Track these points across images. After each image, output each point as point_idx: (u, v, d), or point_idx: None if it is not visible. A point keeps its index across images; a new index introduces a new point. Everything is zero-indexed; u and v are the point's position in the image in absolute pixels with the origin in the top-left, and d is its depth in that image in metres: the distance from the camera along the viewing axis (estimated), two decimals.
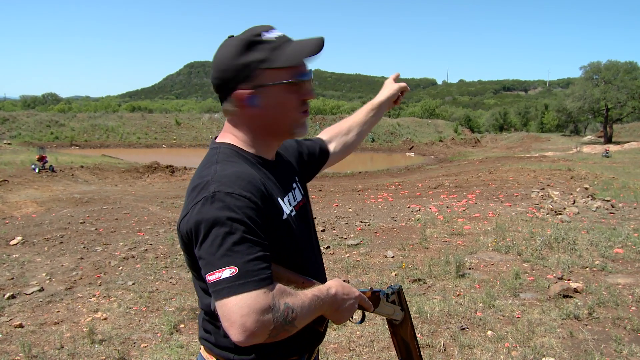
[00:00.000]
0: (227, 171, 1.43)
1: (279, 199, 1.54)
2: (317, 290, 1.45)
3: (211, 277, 1.28)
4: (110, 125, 55.34)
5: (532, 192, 15.12)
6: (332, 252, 8.22)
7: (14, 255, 8.46)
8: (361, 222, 11.08)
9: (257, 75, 1.48)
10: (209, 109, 74.78)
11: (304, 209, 1.71)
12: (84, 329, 4.98)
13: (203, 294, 1.51)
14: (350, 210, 13.33)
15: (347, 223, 11.03)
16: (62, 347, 4.63)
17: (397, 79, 2.24)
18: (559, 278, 6.16)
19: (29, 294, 6.24)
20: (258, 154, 1.59)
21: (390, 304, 1.76)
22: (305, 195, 1.80)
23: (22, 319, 5.43)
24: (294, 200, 1.66)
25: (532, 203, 12.93)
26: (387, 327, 1.85)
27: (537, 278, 6.15)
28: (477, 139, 60.44)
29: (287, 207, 1.57)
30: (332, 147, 2.08)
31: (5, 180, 20.18)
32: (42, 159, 24.01)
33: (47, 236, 10.09)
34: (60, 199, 17.15)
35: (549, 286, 5.82)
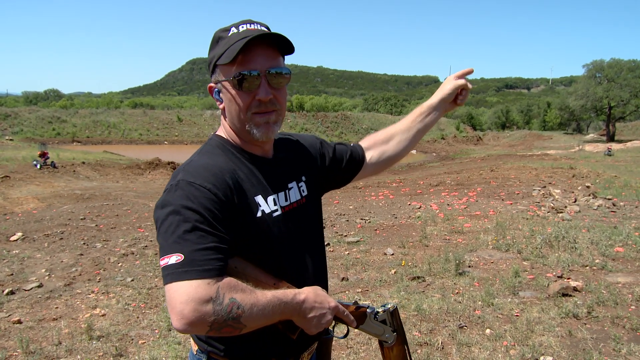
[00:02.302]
0: (199, 162, 1.47)
1: (259, 196, 1.53)
2: (281, 293, 1.41)
3: (161, 262, 1.29)
4: (112, 122, 55.36)
5: (534, 190, 15.08)
6: (331, 250, 8.21)
7: (14, 251, 8.46)
8: (361, 219, 11.06)
9: (216, 71, 1.52)
10: (210, 105, 74.77)
11: (300, 210, 1.67)
12: (82, 325, 4.98)
13: None
14: (350, 207, 13.31)
15: (347, 220, 11.01)
16: (60, 343, 4.62)
17: (462, 76, 2.01)
18: (558, 277, 6.14)
19: (28, 290, 6.24)
20: (246, 148, 1.58)
21: (379, 323, 1.67)
22: (311, 196, 1.75)
23: (21, 315, 5.43)
24: (286, 201, 1.62)
25: (533, 201, 12.90)
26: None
27: (537, 276, 6.13)
28: (479, 137, 60.44)
29: (268, 206, 1.54)
30: (369, 155, 1.98)
31: (7, 177, 20.20)
32: (43, 155, 24.04)
33: (48, 232, 10.10)
34: (62, 195, 17.17)
35: (548, 285, 5.79)
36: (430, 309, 5.24)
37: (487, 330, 4.69)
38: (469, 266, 6.78)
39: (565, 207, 11.67)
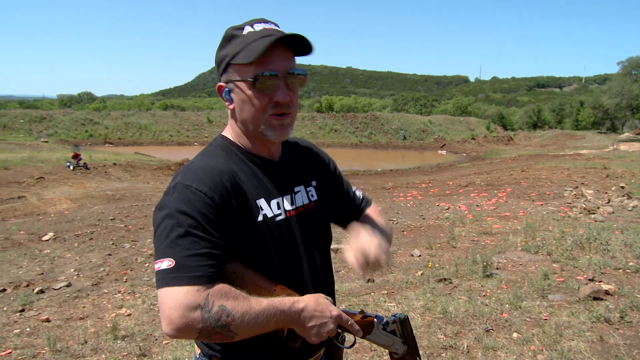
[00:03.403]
0: (199, 164, 1.44)
1: (262, 200, 1.49)
2: (278, 301, 1.37)
3: (155, 266, 1.30)
4: (143, 123, 56.13)
5: (565, 190, 14.78)
6: None
7: (46, 251, 8.61)
8: (389, 220, 10.95)
9: (228, 71, 1.47)
10: None
11: (307, 215, 1.62)
12: (108, 325, 5.02)
13: None
14: (378, 208, 13.22)
15: None
16: (86, 342, 4.67)
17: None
18: (589, 279, 5.98)
19: (57, 289, 6.33)
20: (251, 150, 1.54)
21: (388, 333, 1.58)
22: (321, 202, 1.69)
23: (49, 314, 5.51)
24: (292, 205, 1.58)
25: (565, 202, 12.64)
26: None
27: (567, 279, 5.98)
28: (510, 137, 59.56)
29: (270, 209, 1.50)
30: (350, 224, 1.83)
31: (42, 178, 20.63)
32: (76, 156, 24.46)
33: (78, 232, 10.26)
34: (93, 196, 17.45)
35: (579, 288, 5.64)
36: (456, 311, 5.14)
37: (515, 334, 4.58)
38: (497, 268, 6.66)
39: (598, 207, 11.40)
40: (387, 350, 1.63)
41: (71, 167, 23.41)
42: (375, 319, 1.56)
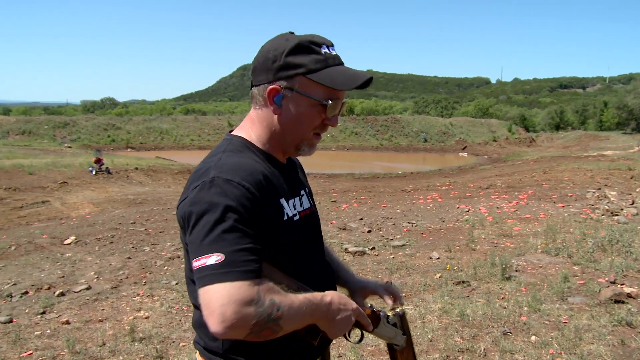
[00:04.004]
0: (231, 160, 1.42)
1: (283, 199, 1.51)
2: (310, 295, 1.38)
3: (197, 263, 1.25)
4: (164, 128, 56.68)
5: (588, 192, 14.58)
6: (376, 254, 8.13)
7: (67, 254, 8.73)
8: (408, 222, 10.93)
9: (294, 79, 1.46)
10: None
11: (311, 217, 1.67)
12: (126, 327, 5.07)
13: (193, 287, 1.42)
14: (398, 210, 13.18)
15: (394, 224, 10.90)
16: (104, 344, 4.72)
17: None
18: (611, 282, 5.88)
19: (77, 292, 6.41)
20: (269, 152, 1.56)
21: (391, 326, 1.66)
22: (314, 206, 1.75)
23: (69, 316, 5.58)
24: (301, 206, 1.61)
25: (587, 204, 12.46)
26: (417, 332, 1.78)
27: (588, 282, 5.89)
28: (532, 138, 58.98)
29: (290, 209, 1.52)
30: None
31: (65, 182, 20.96)
32: (98, 161, 24.79)
33: (99, 236, 10.38)
34: (115, 200, 17.67)
35: (599, 290, 5.55)
36: (474, 314, 5.10)
37: (533, 337, 4.52)
38: (516, 270, 6.58)
39: (622, 209, 11.22)
40: (385, 345, 1.72)
41: (94, 172, 23.74)
42: (381, 313, 1.62)
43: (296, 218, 1.54)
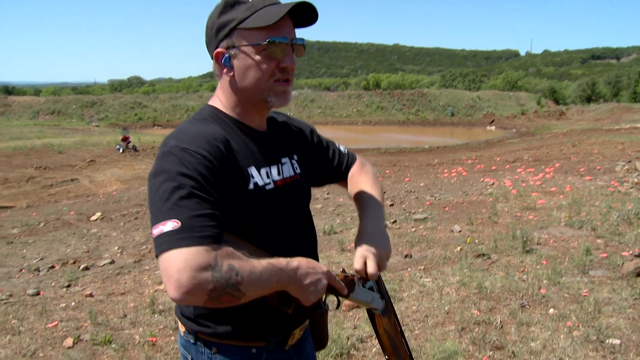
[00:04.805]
0: (191, 129, 1.41)
1: (253, 168, 1.48)
2: (275, 260, 1.36)
3: (155, 231, 1.24)
4: (190, 105, 56.98)
5: (617, 165, 14.26)
6: (398, 227, 8.12)
7: (93, 230, 8.91)
8: (431, 196, 10.87)
9: (232, 36, 1.44)
10: None
11: (292, 186, 1.63)
12: (147, 300, 5.17)
13: None
14: (421, 184, 13.11)
15: (416, 197, 10.85)
16: (125, 316, 4.83)
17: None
18: (635, 255, 5.76)
19: (101, 266, 6.55)
20: (240, 119, 1.54)
21: (368, 290, 1.61)
22: (304, 175, 1.71)
23: (93, 289, 5.72)
24: (279, 175, 1.58)
25: (616, 177, 12.20)
26: (434, 304, 1.73)
27: (611, 255, 5.80)
28: (562, 111, 57.75)
29: (261, 178, 1.50)
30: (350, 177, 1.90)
31: (93, 161, 21.32)
32: (125, 139, 25.08)
33: (124, 212, 10.56)
34: (142, 177, 17.92)
35: (622, 264, 5.46)
36: (492, 287, 5.07)
37: (551, 310, 4.49)
38: (538, 244, 6.51)
39: None
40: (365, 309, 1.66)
41: (121, 150, 24.06)
42: (355, 277, 1.58)
43: (269, 187, 1.51)
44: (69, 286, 5.86)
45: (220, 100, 1.55)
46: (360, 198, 1.79)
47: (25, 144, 23.85)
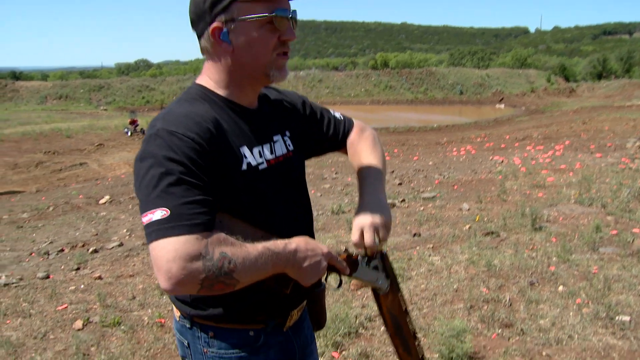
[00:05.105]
0: (179, 110, 1.34)
1: (245, 147, 1.43)
2: (271, 243, 1.32)
3: (144, 219, 1.20)
4: None
5: (628, 142, 14.11)
6: (407, 206, 8.09)
7: (102, 213, 8.94)
8: (440, 175, 10.83)
9: (231, 8, 1.36)
10: (295, 67, 75.12)
11: (286, 164, 1.57)
12: (155, 282, 5.18)
13: None
14: (430, 163, 13.06)
15: (425, 176, 10.81)
16: (134, 298, 4.85)
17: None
18: None
19: (110, 249, 6.57)
20: (230, 98, 1.47)
21: (371, 269, 1.57)
22: (297, 151, 1.65)
23: (102, 272, 5.74)
24: (271, 154, 1.52)
25: (627, 154, 12.09)
26: (443, 282, 1.68)
27: (621, 232, 5.75)
28: (572, 89, 57.09)
29: (253, 158, 1.44)
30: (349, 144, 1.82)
31: (101, 144, 21.37)
32: (133, 122, 25.05)
33: (132, 195, 10.57)
34: None
35: (633, 241, 5.42)
36: (501, 264, 5.05)
37: (560, 287, 4.46)
38: (547, 221, 6.46)
39: None
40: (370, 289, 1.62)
41: (129, 133, 24.06)
42: (359, 256, 1.54)
43: (262, 167, 1.46)
44: (78, 269, 5.89)
45: (211, 78, 1.47)
46: (359, 169, 1.73)
47: (34, 129, 23.93)
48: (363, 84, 57.22)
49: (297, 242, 1.38)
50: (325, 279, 1.54)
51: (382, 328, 3.96)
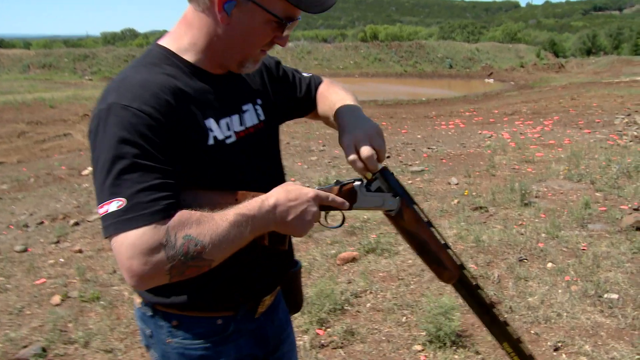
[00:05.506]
0: (135, 78, 1.19)
1: (211, 120, 1.28)
2: (244, 206, 1.19)
3: (100, 210, 1.09)
4: None
5: (617, 118, 14.05)
6: None
7: (84, 185, 8.76)
8: (428, 148, 10.72)
9: None
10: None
11: (257, 136, 1.42)
12: None
13: None
14: (418, 136, 12.93)
15: (413, 149, 10.69)
16: (115, 272, 4.73)
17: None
18: (634, 209, 5.66)
19: (91, 221, 6.42)
20: (198, 64, 1.30)
21: (374, 193, 1.37)
22: (269, 121, 1.49)
23: (82, 245, 5.60)
24: (240, 125, 1.37)
25: (615, 130, 12.02)
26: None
27: (610, 208, 5.69)
28: (562, 64, 57.04)
29: (220, 131, 1.29)
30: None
31: (86, 115, 20.96)
32: None
33: None
34: None
35: (621, 217, 5.36)
36: (490, 240, 4.98)
37: (549, 264, 4.40)
38: (536, 197, 6.40)
39: None
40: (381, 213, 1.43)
41: None
42: (354, 183, 1.37)
43: (230, 140, 1.31)
44: (57, 242, 5.75)
45: (187, 38, 1.29)
46: (332, 107, 1.54)
47: (16, 99, 23.41)
48: (352, 56, 56.75)
49: (275, 196, 1.25)
50: (326, 220, 1.39)
51: (369, 305, 3.90)
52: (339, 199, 1.34)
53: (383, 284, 4.23)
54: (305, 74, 1.68)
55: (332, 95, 1.59)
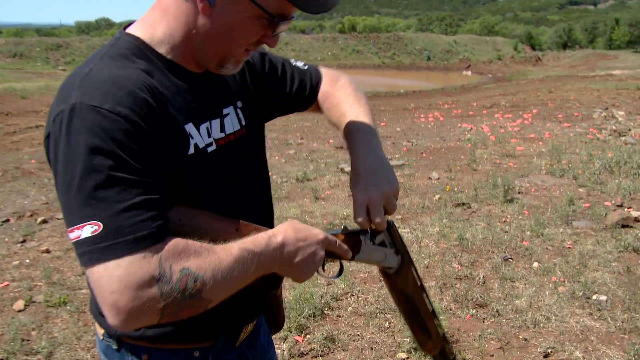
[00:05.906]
0: (103, 73, 0.96)
1: (190, 124, 1.07)
2: (250, 242, 1.01)
3: (71, 235, 0.88)
4: None
5: (594, 112, 14.10)
6: None
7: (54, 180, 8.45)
8: (408, 142, 10.59)
9: None
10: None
11: (238, 144, 1.22)
12: None
13: None
14: (398, 129, 12.80)
15: (393, 143, 10.55)
16: (83, 274, 4.48)
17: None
18: (618, 205, 5.60)
19: (60, 219, 6.14)
20: (174, 60, 1.08)
21: (377, 246, 1.25)
22: (250, 126, 1.29)
23: (50, 244, 5.34)
24: (221, 132, 1.16)
25: (594, 124, 12.04)
26: (413, 257, 1.35)
27: (593, 205, 5.61)
28: (538, 57, 57.49)
29: (201, 138, 1.09)
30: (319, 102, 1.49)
31: None
32: None
33: None
34: None
35: (606, 214, 5.28)
36: (473, 238, 4.85)
37: (535, 264, 4.28)
38: (519, 192, 6.30)
39: (629, 130, 10.82)
40: (376, 269, 1.30)
41: None
42: (361, 234, 1.22)
43: (211, 149, 1.11)
44: (24, 241, 5.47)
45: (160, 28, 1.07)
46: (345, 124, 1.36)
47: None
48: (330, 47, 56.55)
49: (283, 233, 1.07)
50: (323, 268, 1.22)
51: (350, 309, 3.73)
52: (345, 247, 1.18)
53: (364, 286, 4.07)
54: (300, 65, 1.47)
55: (343, 104, 1.41)
